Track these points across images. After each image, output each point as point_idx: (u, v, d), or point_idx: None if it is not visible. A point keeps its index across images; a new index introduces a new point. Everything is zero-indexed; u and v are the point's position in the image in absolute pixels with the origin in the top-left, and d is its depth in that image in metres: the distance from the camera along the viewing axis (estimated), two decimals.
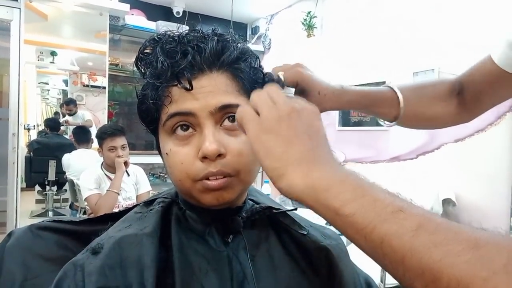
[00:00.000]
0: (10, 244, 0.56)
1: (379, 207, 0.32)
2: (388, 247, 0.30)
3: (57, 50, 3.76)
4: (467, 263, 0.27)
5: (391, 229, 0.30)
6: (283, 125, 0.39)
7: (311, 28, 3.29)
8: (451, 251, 0.28)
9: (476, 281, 0.26)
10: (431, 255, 0.28)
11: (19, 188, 3.12)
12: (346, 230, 0.34)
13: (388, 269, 0.31)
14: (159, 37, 0.52)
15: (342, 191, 0.34)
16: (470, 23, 2.21)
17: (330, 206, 0.34)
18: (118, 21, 3.53)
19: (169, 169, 0.52)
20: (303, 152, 0.38)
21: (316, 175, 0.36)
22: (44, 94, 4.32)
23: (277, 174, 0.38)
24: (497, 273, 0.25)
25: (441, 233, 0.29)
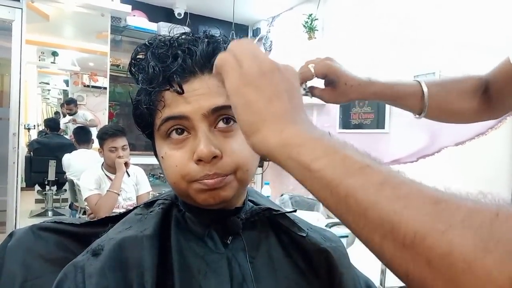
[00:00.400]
0: (11, 245, 0.56)
1: (348, 163, 0.32)
2: (352, 201, 0.31)
3: (58, 50, 3.76)
4: (426, 215, 0.27)
5: (357, 183, 0.31)
6: (265, 80, 0.39)
7: (312, 30, 3.29)
8: (411, 204, 0.28)
9: (432, 233, 0.26)
10: (392, 207, 0.28)
11: (19, 187, 3.12)
12: (314, 186, 0.34)
13: (349, 223, 0.32)
14: (150, 42, 0.53)
15: (315, 148, 0.34)
16: (471, 25, 2.21)
17: (302, 161, 0.34)
18: (120, 22, 3.53)
19: (165, 171, 0.53)
20: (282, 111, 0.38)
21: (291, 132, 0.36)
22: (45, 94, 4.32)
23: (252, 129, 0.38)
24: (454, 227, 0.26)
25: (405, 188, 0.29)
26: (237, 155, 0.50)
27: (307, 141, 0.35)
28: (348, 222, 0.32)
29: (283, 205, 2.77)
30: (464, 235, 0.25)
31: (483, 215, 0.26)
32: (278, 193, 3.37)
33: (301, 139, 0.36)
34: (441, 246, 0.25)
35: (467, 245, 0.25)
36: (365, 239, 0.31)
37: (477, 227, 0.25)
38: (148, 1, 3.82)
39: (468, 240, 0.25)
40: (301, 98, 0.42)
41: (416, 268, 0.27)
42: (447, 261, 0.25)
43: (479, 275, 0.24)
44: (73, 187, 3.06)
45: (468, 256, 0.24)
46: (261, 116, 0.38)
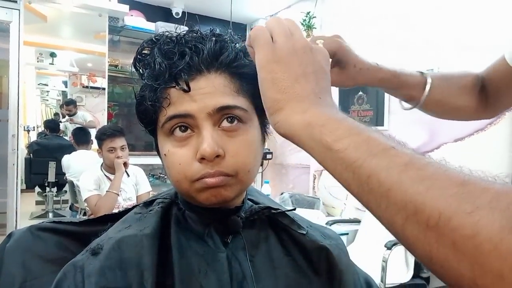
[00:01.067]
0: (10, 246, 0.56)
1: (372, 144, 0.32)
2: (375, 181, 0.30)
3: (56, 51, 3.76)
4: (452, 197, 0.26)
5: (381, 163, 0.30)
6: (295, 59, 0.39)
7: (310, 28, 3.29)
8: (436, 185, 0.27)
9: (458, 214, 0.26)
10: (417, 188, 0.28)
11: (19, 189, 3.12)
12: (336, 166, 0.33)
13: (371, 205, 0.31)
14: (157, 38, 0.52)
15: (338, 128, 0.34)
16: (469, 24, 2.21)
17: (323, 140, 0.34)
18: (118, 22, 3.53)
19: (167, 170, 0.52)
20: (308, 92, 0.38)
21: (314, 112, 0.36)
22: (44, 96, 4.32)
23: (277, 106, 0.38)
24: (481, 208, 0.25)
25: (430, 169, 0.29)
26: (240, 155, 0.49)
27: (330, 122, 0.35)
28: (369, 204, 0.31)
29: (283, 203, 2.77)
30: (491, 216, 0.25)
31: (510, 197, 0.25)
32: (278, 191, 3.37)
33: (324, 119, 0.35)
34: (467, 227, 0.25)
35: (493, 226, 0.24)
36: (386, 222, 0.30)
37: (504, 209, 0.25)
38: (146, 1, 3.82)
39: (495, 221, 0.24)
40: (329, 82, 0.41)
41: (440, 250, 0.26)
42: (473, 243, 0.25)
43: (505, 256, 0.23)
44: (73, 188, 3.06)
45: (495, 237, 0.24)
46: (287, 95, 0.38)
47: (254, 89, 0.52)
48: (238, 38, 0.54)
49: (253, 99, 0.52)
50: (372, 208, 0.31)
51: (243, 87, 0.51)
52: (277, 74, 0.39)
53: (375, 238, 2.25)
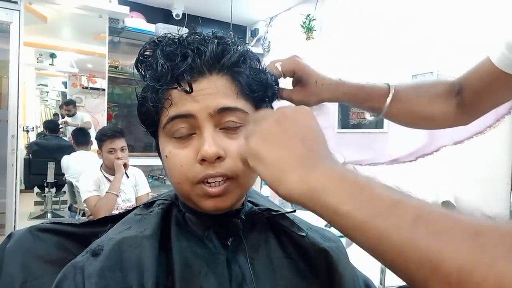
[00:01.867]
0: (10, 246, 0.56)
1: (377, 202, 0.31)
2: (387, 242, 0.30)
3: (56, 52, 3.75)
4: (468, 250, 0.26)
5: (389, 223, 0.30)
6: (273, 132, 0.39)
7: (310, 30, 3.30)
8: (451, 240, 0.27)
9: (479, 267, 0.25)
10: (430, 245, 0.27)
11: (18, 190, 3.11)
12: (346, 229, 0.33)
13: (389, 265, 0.31)
14: (159, 39, 0.52)
15: (339, 190, 0.34)
16: (469, 26, 2.21)
17: (329, 206, 0.34)
18: (118, 23, 3.53)
19: (168, 171, 0.52)
20: (297, 156, 0.38)
21: (312, 178, 0.36)
22: (43, 96, 4.31)
23: (275, 182, 0.38)
24: (500, 259, 0.25)
25: (440, 223, 0.28)
26: None
27: (330, 183, 0.35)
28: (388, 265, 0.31)
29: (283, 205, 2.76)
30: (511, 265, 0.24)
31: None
32: None
33: (323, 182, 0.35)
34: (490, 279, 0.24)
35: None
36: (408, 279, 0.30)
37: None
38: (146, 3, 3.82)
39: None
40: (319, 135, 0.41)
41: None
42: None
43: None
44: (72, 189, 3.05)
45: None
46: (279, 167, 0.38)
47: (255, 91, 0.52)
48: (240, 41, 0.54)
49: (254, 102, 0.53)
50: (391, 268, 0.31)
51: (244, 89, 0.51)
52: (263, 152, 0.39)
53: None
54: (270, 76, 0.56)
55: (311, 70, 0.61)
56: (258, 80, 0.53)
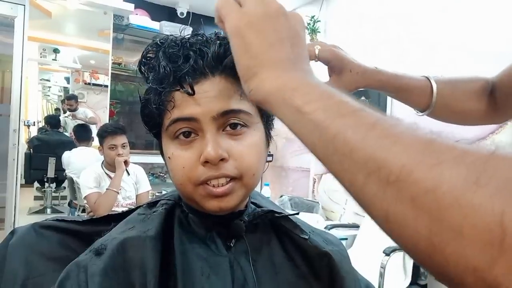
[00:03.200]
0: (13, 243, 0.56)
1: (342, 107, 0.31)
2: (340, 140, 0.29)
3: (60, 47, 3.76)
4: (416, 152, 0.25)
5: (348, 123, 0.29)
6: (268, 24, 0.38)
7: (315, 32, 3.30)
8: (402, 142, 0.26)
9: (420, 166, 0.24)
10: (381, 144, 0.27)
11: (19, 184, 3.12)
12: (304, 129, 0.32)
13: (334, 166, 0.30)
14: (161, 41, 0.52)
15: (310, 92, 0.33)
16: (474, 30, 2.21)
17: (294, 103, 0.33)
18: (122, 20, 3.54)
19: (171, 172, 0.52)
20: (282, 57, 0.37)
21: (288, 77, 0.35)
22: (45, 91, 4.32)
23: (250, 73, 0.37)
24: (446, 162, 0.24)
25: (398, 128, 0.28)
26: (244, 158, 0.49)
27: (303, 86, 0.34)
28: (333, 165, 0.30)
29: (282, 206, 2.77)
30: (455, 169, 0.23)
31: (478, 153, 0.24)
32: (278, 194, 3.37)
33: (296, 83, 0.35)
34: (429, 180, 0.24)
35: (457, 178, 0.23)
36: (348, 181, 0.29)
37: (470, 163, 0.23)
38: (151, 0, 3.82)
39: (459, 174, 0.23)
40: (305, 48, 0.40)
41: (398, 207, 0.25)
42: (433, 196, 0.23)
43: (467, 211, 0.22)
44: (72, 185, 3.06)
45: (457, 191, 0.22)
46: (260, 61, 0.37)
47: None
48: None
49: None
50: (335, 170, 0.30)
51: None
52: (250, 39, 0.37)
53: (374, 244, 2.25)
54: None
55: (346, 59, 0.62)
56: None
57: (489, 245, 0.21)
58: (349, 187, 0.29)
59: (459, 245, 0.22)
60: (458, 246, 0.22)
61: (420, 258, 0.25)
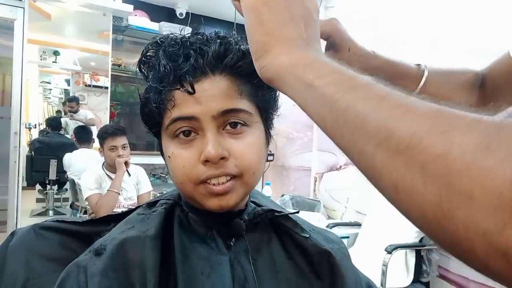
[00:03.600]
0: (13, 244, 0.56)
1: (354, 81, 0.31)
2: (351, 112, 0.29)
3: (60, 49, 3.77)
4: (427, 120, 0.25)
5: (359, 95, 0.29)
6: (283, 3, 0.38)
7: None
8: (413, 111, 0.26)
9: (431, 133, 0.24)
10: (392, 113, 0.26)
11: (20, 187, 3.12)
12: (314, 104, 0.32)
13: (345, 140, 0.30)
14: (161, 40, 0.52)
15: (322, 67, 0.33)
16: (476, 27, 2.21)
17: (306, 78, 0.33)
18: (121, 21, 3.54)
19: (171, 172, 0.52)
20: (296, 36, 0.37)
21: (300, 54, 0.35)
22: (46, 93, 4.33)
23: (263, 49, 0.37)
24: (457, 128, 0.23)
25: (410, 99, 0.27)
26: (244, 157, 0.49)
27: (315, 62, 0.34)
28: (343, 139, 0.30)
29: (284, 205, 2.77)
30: (467, 135, 0.23)
31: (491, 120, 0.23)
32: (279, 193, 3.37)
33: (309, 60, 0.35)
34: (439, 146, 0.23)
35: (468, 144, 0.22)
36: (357, 154, 0.29)
37: (483, 129, 0.23)
38: (150, 1, 3.83)
39: (471, 140, 0.22)
40: (318, 29, 0.40)
41: (407, 176, 0.24)
42: (443, 162, 0.23)
43: (477, 175, 0.21)
44: (74, 187, 3.06)
45: (468, 156, 0.22)
46: (274, 38, 0.37)
47: (258, 91, 0.52)
48: (243, 40, 0.54)
49: (257, 102, 0.52)
50: (344, 143, 0.30)
51: (248, 89, 0.51)
52: (264, 16, 0.38)
53: (376, 242, 2.25)
54: None
55: (346, 37, 0.60)
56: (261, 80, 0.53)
57: (499, 209, 0.20)
58: (359, 160, 0.29)
59: (469, 210, 0.21)
60: (468, 210, 0.21)
61: (429, 227, 0.24)
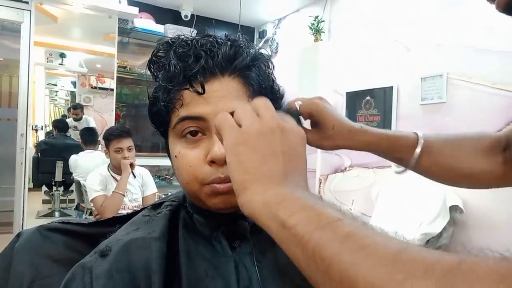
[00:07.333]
0: (19, 245, 0.57)
1: (322, 218, 0.30)
2: (318, 257, 0.28)
3: (66, 52, 3.79)
4: (385, 267, 0.24)
5: (324, 236, 0.29)
6: (262, 140, 0.38)
7: (319, 32, 3.29)
8: (373, 255, 0.26)
9: (390, 284, 0.23)
10: (353, 260, 0.26)
11: (27, 188, 3.14)
12: (289, 244, 0.32)
13: (319, 285, 0.29)
14: (172, 40, 0.53)
15: (293, 205, 0.33)
16: (478, 27, 2.19)
17: (278, 217, 0.33)
18: (127, 24, 3.55)
19: (177, 171, 0.52)
20: (274, 172, 0.37)
21: (274, 191, 0.35)
22: (53, 95, 4.36)
23: (241, 187, 0.37)
24: (414, 276, 0.23)
25: (369, 238, 0.27)
26: None
27: (287, 199, 0.34)
28: (317, 283, 0.29)
29: None
30: (423, 283, 0.22)
31: (448, 263, 0.23)
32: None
33: (281, 198, 0.34)
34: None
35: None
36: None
37: (440, 277, 0.22)
38: (155, 3, 3.84)
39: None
40: (303, 163, 0.40)
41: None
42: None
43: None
44: (79, 188, 3.08)
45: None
46: (252, 176, 0.37)
47: (267, 94, 0.52)
48: (253, 44, 0.54)
49: None
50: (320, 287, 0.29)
51: (256, 91, 0.51)
52: (243, 156, 0.38)
53: None
54: (276, 85, 0.56)
55: (329, 115, 0.58)
56: (267, 84, 0.53)
57: None
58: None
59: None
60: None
61: None
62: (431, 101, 2.43)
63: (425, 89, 2.47)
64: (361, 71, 2.98)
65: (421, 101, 2.48)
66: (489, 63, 2.12)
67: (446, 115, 2.36)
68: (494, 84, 2.10)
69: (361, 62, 3.00)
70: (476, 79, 2.19)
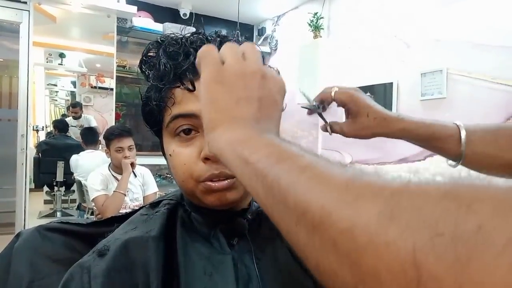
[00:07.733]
0: (18, 245, 0.57)
1: (283, 153, 0.30)
2: (276, 188, 0.28)
3: (65, 52, 3.79)
4: (337, 191, 0.24)
5: (283, 169, 0.28)
6: (241, 82, 0.38)
7: (318, 29, 3.28)
8: (326, 181, 0.25)
9: (339, 205, 0.23)
10: (308, 186, 0.25)
11: (28, 188, 3.15)
12: (251, 180, 0.31)
13: (275, 218, 0.29)
14: (162, 39, 0.53)
15: (258, 143, 0.33)
16: (478, 23, 2.18)
17: (242, 154, 0.32)
18: (126, 23, 3.55)
19: (172, 170, 0.53)
20: (245, 115, 0.36)
21: (242, 131, 0.35)
22: (53, 96, 4.36)
23: (211, 126, 0.37)
24: (363, 196, 0.22)
25: (331, 169, 0.26)
26: None
27: (253, 139, 0.34)
28: (273, 216, 0.29)
29: None
30: (371, 204, 0.21)
31: (397, 184, 0.22)
32: None
33: (248, 137, 0.34)
34: (344, 219, 0.22)
35: (371, 213, 0.21)
36: (285, 233, 0.27)
37: (387, 195, 0.21)
38: (154, 2, 3.83)
39: (374, 209, 0.21)
40: (278, 111, 0.40)
41: (324, 254, 0.23)
42: (350, 236, 0.21)
43: (381, 251, 0.19)
44: (81, 188, 3.08)
45: (371, 228, 0.20)
46: (223, 116, 0.37)
47: None
48: (244, 39, 0.54)
49: None
50: (277, 222, 0.28)
51: None
52: (217, 95, 0.38)
53: None
54: None
55: (363, 103, 0.58)
56: None
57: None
58: (288, 240, 0.27)
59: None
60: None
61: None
62: (431, 97, 2.43)
63: (425, 85, 2.46)
64: (361, 67, 2.97)
65: (421, 96, 2.48)
66: (489, 58, 2.11)
67: (446, 111, 2.35)
68: (494, 79, 2.09)
69: (360, 58, 2.99)
70: (476, 74, 2.18)
